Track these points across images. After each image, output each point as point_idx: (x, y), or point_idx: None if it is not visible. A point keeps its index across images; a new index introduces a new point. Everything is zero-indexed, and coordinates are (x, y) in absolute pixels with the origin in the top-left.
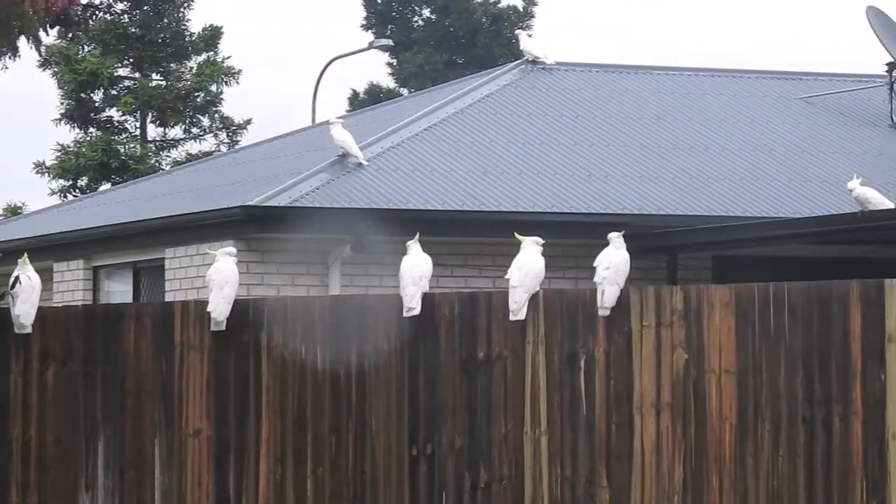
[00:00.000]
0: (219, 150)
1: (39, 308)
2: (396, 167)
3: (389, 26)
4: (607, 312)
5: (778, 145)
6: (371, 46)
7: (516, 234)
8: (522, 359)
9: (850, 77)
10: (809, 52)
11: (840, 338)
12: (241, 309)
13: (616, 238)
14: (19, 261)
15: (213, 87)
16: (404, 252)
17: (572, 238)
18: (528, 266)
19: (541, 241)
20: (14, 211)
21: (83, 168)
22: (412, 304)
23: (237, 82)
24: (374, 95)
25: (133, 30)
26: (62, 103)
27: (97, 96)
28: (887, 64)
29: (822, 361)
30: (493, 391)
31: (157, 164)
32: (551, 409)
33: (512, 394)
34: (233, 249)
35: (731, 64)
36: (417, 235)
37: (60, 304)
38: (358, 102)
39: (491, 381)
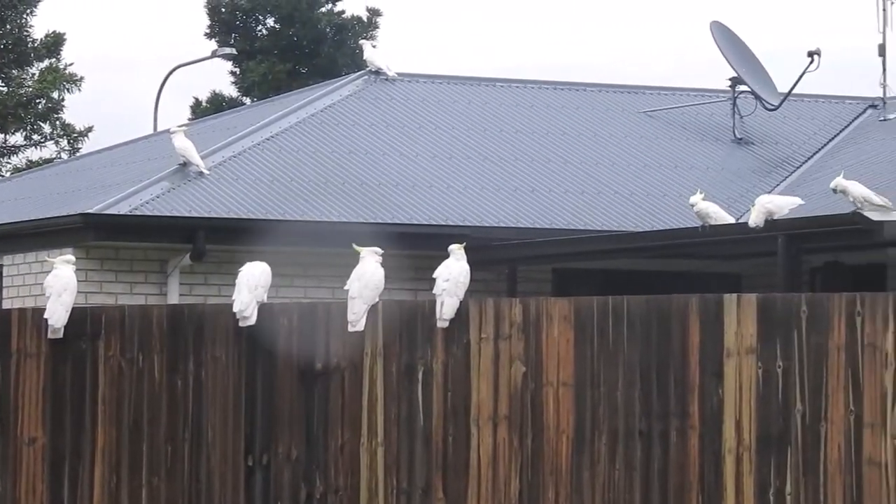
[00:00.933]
0: (60, 158)
1: None
2: (238, 176)
3: (233, 35)
4: (446, 324)
5: (620, 159)
6: (214, 55)
7: (354, 245)
8: (360, 370)
9: (693, 91)
10: (654, 66)
11: (679, 352)
12: (79, 317)
13: (456, 250)
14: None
15: (55, 94)
16: (244, 261)
17: (413, 249)
18: (367, 277)
19: (380, 251)
20: None
21: None
22: (247, 313)
23: (79, 89)
24: (217, 104)
25: None
26: None
27: None
28: (730, 79)
29: (660, 375)
30: (330, 402)
31: None
32: (388, 421)
33: (349, 405)
34: (71, 257)
35: (576, 77)
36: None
37: None
38: (200, 111)
39: (328, 391)
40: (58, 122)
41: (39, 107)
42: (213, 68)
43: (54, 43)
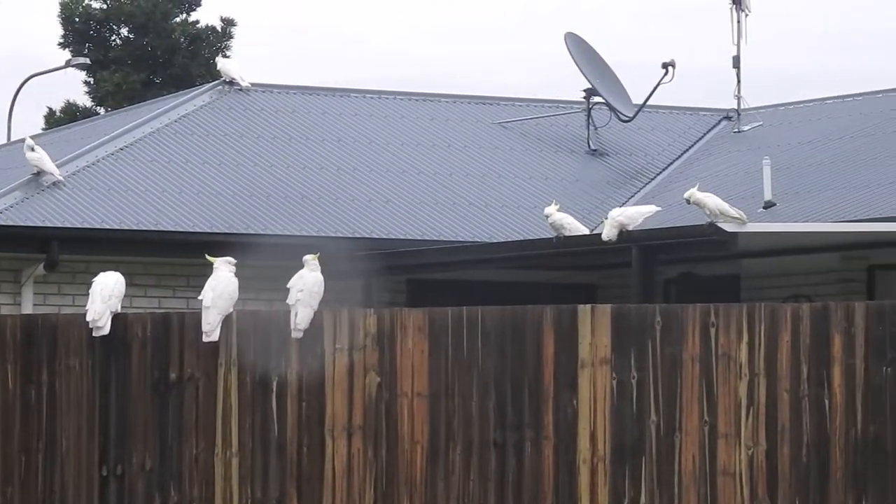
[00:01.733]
0: None
1: None
2: (92, 186)
3: (87, 44)
4: (300, 334)
5: (475, 170)
6: (68, 64)
7: (208, 256)
8: (215, 380)
9: (548, 103)
10: (508, 77)
11: (533, 363)
12: None
13: (311, 260)
14: None
15: None
16: (98, 271)
17: (268, 259)
18: (221, 287)
19: (234, 261)
20: None
21: None
22: (101, 323)
23: None
24: (71, 114)
25: None
26: None
27: None
28: (585, 90)
29: (515, 386)
30: (184, 412)
31: None
32: (243, 431)
33: (204, 415)
34: None
35: (431, 88)
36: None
37: None
38: (54, 121)
39: (183, 402)
40: None
41: None
42: (68, 78)
43: None
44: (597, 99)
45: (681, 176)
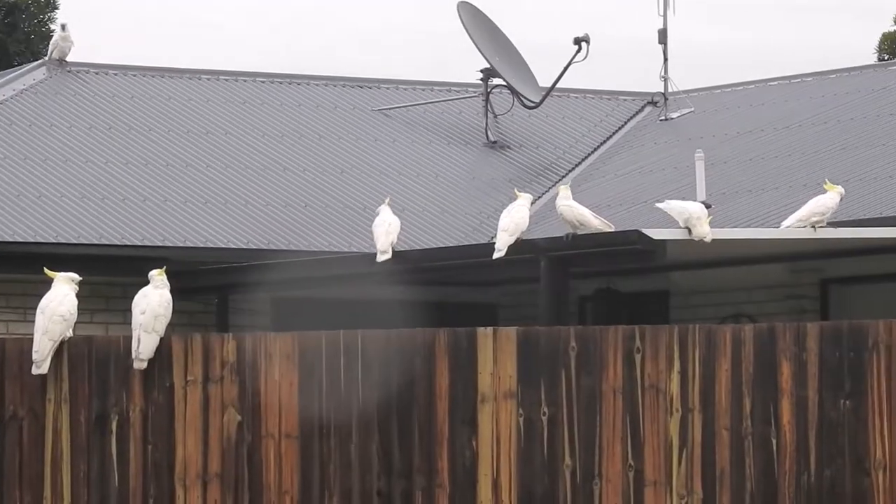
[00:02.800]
0: None
1: None
2: None
3: None
4: (144, 365)
5: (352, 166)
6: None
7: (46, 270)
8: (43, 420)
9: (438, 86)
10: (390, 56)
11: (425, 396)
12: None
13: (156, 276)
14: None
15: None
16: None
17: (103, 275)
18: (52, 307)
19: (77, 277)
20: None
21: None
22: None
23: None
24: None
25: None
26: None
27: None
28: (482, 71)
29: (403, 425)
30: (6, 459)
31: None
32: (77, 481)
33: (29, 462)
34: None
35: (298, 69)
36: None
37: None
38: None
39: (4, 446)
40: None
41: None
42: None
43: None
44: (497, 81)
45: (597, 172)
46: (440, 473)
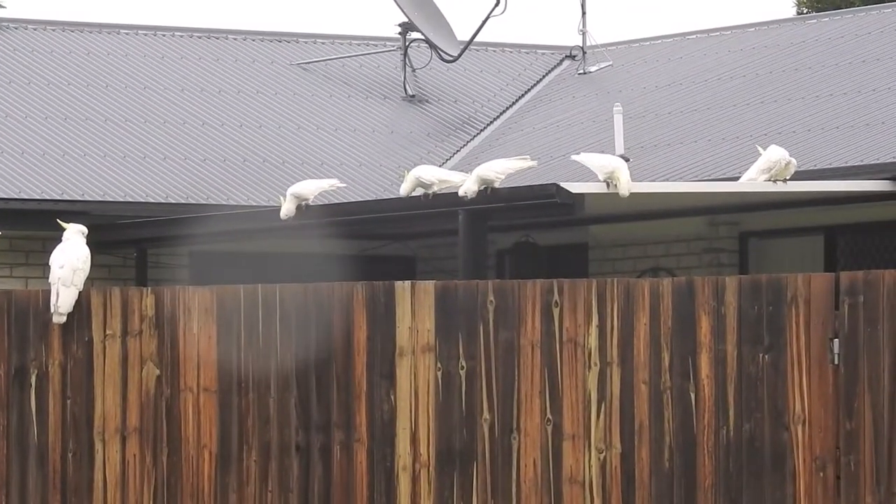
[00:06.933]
0: None
1: None
2: None
3: None
4: (63, 319)
5: (269, 120)
6: None
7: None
8: None
9: (356, 40)
10: (308, 10)
11: (342, 350)
12: None
13: (74, 230)
14: None
15: None
16: None
17: (22, 229)
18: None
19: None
20: None
21: None
22: None
23: None
24: None
25: None
26: None
27: None
28: (401, 24)
29: (321, 379)
30: None
31: None
32: None
33: None
34: None
35: (215, 24)
36: None
37: None
38: None
39: None
40: None
41: None
42: None
43: None
44: (415, 35)
45: (515, 126)
46: (358, 427)
